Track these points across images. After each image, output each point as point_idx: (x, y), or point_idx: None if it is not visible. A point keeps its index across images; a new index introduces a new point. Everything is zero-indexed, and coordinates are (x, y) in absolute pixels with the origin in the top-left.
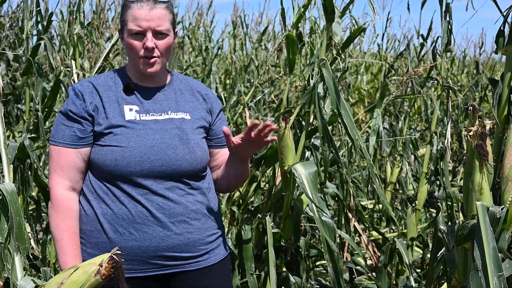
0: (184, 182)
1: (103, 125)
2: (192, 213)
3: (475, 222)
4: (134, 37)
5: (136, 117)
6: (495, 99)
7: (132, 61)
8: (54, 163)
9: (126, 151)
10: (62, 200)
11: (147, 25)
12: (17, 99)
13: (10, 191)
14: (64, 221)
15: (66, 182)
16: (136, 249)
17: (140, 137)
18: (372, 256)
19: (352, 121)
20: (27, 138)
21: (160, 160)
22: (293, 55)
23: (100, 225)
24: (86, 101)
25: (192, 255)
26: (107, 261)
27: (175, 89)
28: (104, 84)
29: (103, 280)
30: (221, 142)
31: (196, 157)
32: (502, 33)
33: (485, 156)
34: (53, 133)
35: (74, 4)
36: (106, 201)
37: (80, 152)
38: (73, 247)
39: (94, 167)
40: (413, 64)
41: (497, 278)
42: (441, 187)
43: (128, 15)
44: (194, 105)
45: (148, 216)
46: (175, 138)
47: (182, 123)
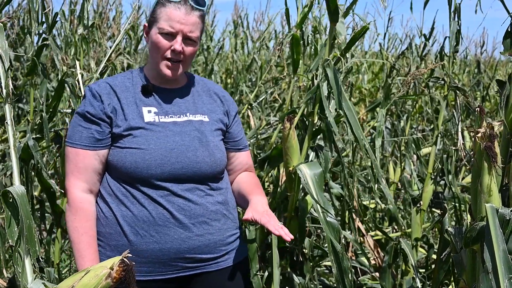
0: (204, 183)
1: (122, 127)
2: (212, 214)
3: (484, 224)
4: (163, 36)
5: (155, 119)
6: (503, 101)
7: (154, 60)
8: (71, 165)
9: (146, 154)
10: (79, 203)
11: (180, 28)
12: (18, 98)
13: (20, 194)
14: (81, 224)
15: (84, 184)
16: (157, 252)
17: (160, 139)
18: (376, 256)
19: (357, 121)
20: (31, 138)
21: (180, 163)
22: (297, 55)
23: (120, 227)
24: (104, 102)
25: (213, 256)
26: (118, 264)
27: (192, 91)
28: (122, 85)
29: (114, 283)
30: (237, 146)
31: (216, 159)
32: (510, 34)
33: (494, 158)
34: (70, 135)
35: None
36: (125, 204)
37: (98, 154)
38: (91, 250)
39: (112, 169)
40: (415, 63)
41: (508, 280)
42: (446, 187)
43: (162, 12)
44: (212, 107)
45: (169, 218)
46: (195, 140)
47: (201, 125)
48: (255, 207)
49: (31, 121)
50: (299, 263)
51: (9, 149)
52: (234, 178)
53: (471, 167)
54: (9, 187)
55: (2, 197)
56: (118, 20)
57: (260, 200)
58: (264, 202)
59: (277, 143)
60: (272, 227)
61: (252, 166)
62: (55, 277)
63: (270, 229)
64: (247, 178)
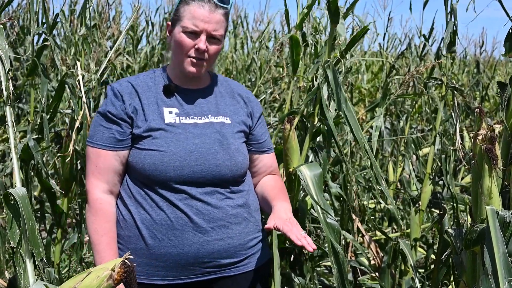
0: (224, 186)
1: (142, 127)
2: (232, 217)
3: (484, 226)
4: (187, 35)
5: (176, 120)
6: (504, 102)
7: (177, 58)
8: (92, 165)
9: (165, 156)
10: (100, 204)
11: (204, 26)
12: (17, 98)
13: (21, 196)
14: (101, 225)
15: (104, 185)
16: (175, 256)
17: (180, 141)
18: (375, 256)
19: (357, 122)
20: (32, 139)
21: (199, 166)
22: (297, 56)
23: (139, 231)
24: (125, 102)
25: (233, 261)
26: (119, 266)
27: (215, 92)
28: (144, 84)
29: (115, 285)
30: (261, 148)
31: (237, 163)
32: (511, 37)
33: (494, 160)
34: (91, 134)
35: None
36: (144, 207)
37: (119, 154)
38: (111, 252)
39: (132, 171)
40: (415, 63)
41: (507, 282)
42: (445, 188)
43: (185, 11)
44: (235, 109)
45: (187, 222)
46: (215, 143)
47: (222, 128)
48: (278, 214)
49: (31, 122)
50: (298, 263)
51: (9, 149)
52: (258, 180)
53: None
54: (10, 189)
55: (3, 199)
56: (118, 20)
57: (284, 206)
58: (287, 209)
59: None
60: (294, 236)
61: (277, 168)
62: (55, 277)
63: (292, 239)
64: (271, 182)
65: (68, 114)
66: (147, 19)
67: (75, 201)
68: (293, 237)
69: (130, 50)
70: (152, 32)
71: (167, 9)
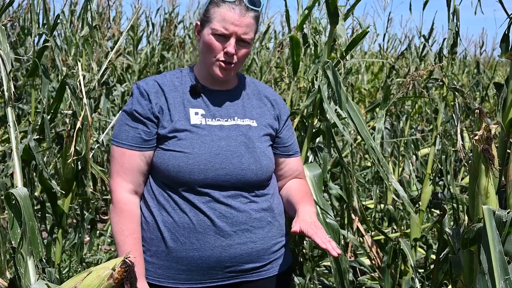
0: (248, 190)
1: (167, 128)
2: (256, 221)
3: (481, 225)
4: (216, 38)
5: (202, 121)
6: (500, 103)
7: (205, 61)
8: (117, 165)
9: (190, 158)
10: (125, 204)
11: (234, 30)
12: (18, 98)
13: (23, 196)
14: (126, 226)
15: (129, 185)
16: (197, 259)
17: (205, 144)
18: (375, 256)
19: (361, 121)
20: (33, 139)
21: (224, 169)
22: (297, 57)
23: (160, 233)
24: (152, 101)
25: (255, 266)
26: (120, 265)
27: (242, 94)
28: (170, 84)
29: (116, 284)
30: (287, 151)
31: (262, 167)
32: (507, 38)
33: (491, 161)
34: (116, 133)
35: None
36: (167, 209)
37: (144, 155)
38: (136, 252)
39: (156, 171)
40: (415, 64)
41: (503, 281)
42: (445, 188)
43: (215, 12)
44: (261, 111)
45: (210, 225)
46: (241, 146)
47: (249, 131)
48: (303, 218)
49: (32, 122)
50: (298, 263)
51: (10, 150)
52: (283, 184)
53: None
54: (12, 189)
55: (5, 199)
56: (118, 21)
57: (308, 210)
58: (312, 212)
59: None
60: (319, 239)
61: (302, 172)
62: (56, 277)
63: (317, 242)
64: (296, 186)
65: (68, 115)
66: (147, 20)
67: (76, 201)
68: (318, 240)
69: (131, 51)
70: (152, 32)
71: (168, 10)
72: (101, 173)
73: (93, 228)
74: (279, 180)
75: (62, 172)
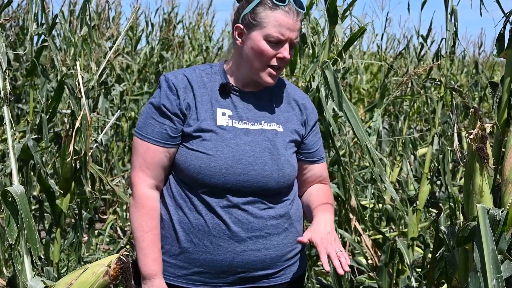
0: (268, 196)
1: (193, 126)
2: (272, 228)
3: (475, 224)
4: (269, 43)
5: (228, 123)
6: (495, 102)
7: (253, 66)
8: (139, 159)
9: (212, 160)
10: (146, 200)
11: (289, 35)
12: (17, 98)
13: (19, 193)
14: (146, 222)
15: (151, 181)
16: (209, 262)
17: (229, 147)
18: (373, 255)
19: (358, 121)
20: (31, 139)
21: (246, 175)
22: (294, 57)
23: (175, 232)
24: (180, 97)
25: (268, 273)
26: (115, 262)
27: (271, 96)
28: (199, 80)
29: (111, 281)
30: (311, 158)
31: (285, 175)
32: (502, 37)
33: (485, 159)
34: (141, 126)
35: (75, 4)
36: (183, 209)
37: (169, 151)
38: (154, 249)
39: (176, 169)
40: (413, 64)
41: (496, 279)
42: (442, 187)
43: (269, 17)
44: (289, 116)
45: (225, 230)
46: (265, 152)
47: (274, 136)
48: (316, 227)
49: (31, 122)
50: None
51: (8, 149)
52: (305, 190)
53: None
54: (8, 187)
55: (1, 197)
56: (117, 21)
57: (325, 218)
58: (328, 220)
59: None
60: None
61: (326, 178)
62: (54, 276)
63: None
64: (318, 191)
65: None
66: (146, 20)
67: (74, 201)
68: (324, 259)
69: (130, 51)
70: (151, 32)
71: (167, 10)
72: (99, 173)
73: (91, 227)
74: (301, 186)
75: (61, 172)
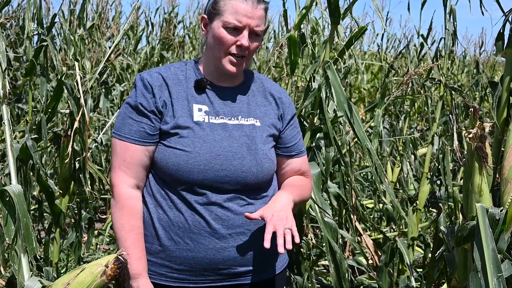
0: (247, 192)
1: (170, 124)
2: (252, 225)
3: (474, 223)
4: (228, 31)
5: (205, 119)
6: (495, 101)
7: (215, 55)
8: (118, 159)
9: (190, 157)
10: (127, 199)
11: (247, 22)
12: (17, 98)
13: (17, 193)
14: (128, 221)
15: (131, 180)
16: (190, 260)
17: (207, 143)
18: (373, 255)
19: (359, 122)
20: (30, 139)
21: (224, 171)
22: (295, 56)
23: (155, 230)
24: (155, 95)
25: (249, 269)
26: (113, 262)
27: (248, 91)
28: (174, 77)
29: (109, 281)
30: (289, 152)
31: (263, 169)
32: (502, 36)
33: (484, 158)
34: (119, 126)
35: (75, 3)
36: (163, 207)
37: (148, 149)
38: (138, 249)
39: (155, 167)
40: (413, 64)
41: (496, 279)
42: (442, 187)
43: (226, 5)
44: (266, 110)
45: (205, 227)
46: (243, 147)
47: (252, 131)
48: (270, 204)
49: (30, 122)
50: (297, 262)
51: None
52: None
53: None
54: (5, 186)
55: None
56: (117, 21)
57: (282, 197)
58: (285, 198)
59: None
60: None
61: (307, 171)
62: (54, 276)
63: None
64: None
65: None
66: (147, 20)
67: (74, 200)
68: (267, 235)
69: (130, 50)
70: (152, 32)
71: (167, 10)
72: (99, 173)
73: (90, 227)
74: (280, 180)
75: (60, 172)
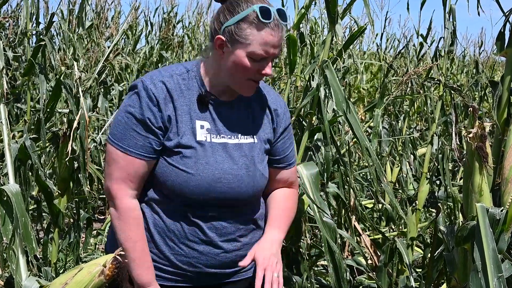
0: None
1: (173, 141)
2: (242, 231)
3: (474, 223)
4: (252, 60)
5: (207, 137)
6: (495, 101)
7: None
8: (121, 171)
9: (192, 180)
10: (131, 211)
11: (273, 52)
12: (16, 98)
13: (15, 192)
14: (134, 232)
15: (134, 192)
16: (184, 264)
17: (209, 165)
18: (372, 255)
19: (358, 122)
20: (28, 138)
21: (224, 193)
22: (294, 56)
23: (150, 235)
24: (162, 110)
25: (238, 269)
26: (111, 262)
27: (246, 104)
28: (177, 88)
29: (107, 281)
30: (279, 163)
31: (258, 188)
32: (502, 36)
33: (485, 158)
34: (121, 137)
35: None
36: (159, 213)
37: (151, 163)
38: (146, 257)
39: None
40: (413, 64)
41: (497, 279)
42: (442, 187)
43: (255, 36)
44: (263, 124)
45: (201, 235)
46: (242, 170)
47: (251, 149)
48: (263, 245)
49: (28, 121)
50: (296, 262)
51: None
52: (271, 190)
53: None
54: (3, 186)
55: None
56: (116, 20)
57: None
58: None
59: None
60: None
61: (294, 182)
62: (52, 276)
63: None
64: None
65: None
66: (146, 19)
67: (72, 200)
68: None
69: (129, 50)
70: (151, 32)
71: (166, 9)
72: (97, 173)
73: (89, 227)
74: (268, 186)
75: (59, 172)
